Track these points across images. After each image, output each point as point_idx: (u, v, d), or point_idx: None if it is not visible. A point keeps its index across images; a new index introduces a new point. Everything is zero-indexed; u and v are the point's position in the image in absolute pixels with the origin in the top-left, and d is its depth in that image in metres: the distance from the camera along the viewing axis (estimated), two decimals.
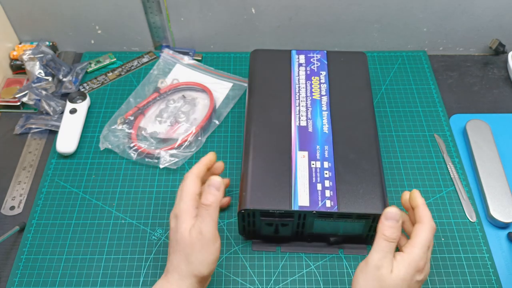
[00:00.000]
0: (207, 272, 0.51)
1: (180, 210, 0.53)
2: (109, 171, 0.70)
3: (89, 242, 0.63)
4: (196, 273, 0.50)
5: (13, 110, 0.78)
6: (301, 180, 0.58)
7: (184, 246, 0.51)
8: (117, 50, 0.87)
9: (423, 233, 0.51)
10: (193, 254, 0.50)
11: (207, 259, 0.51)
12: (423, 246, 0.50)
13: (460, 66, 0.85)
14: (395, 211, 0.51)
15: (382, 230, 0.50)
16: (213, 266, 0.52)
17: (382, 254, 0.49)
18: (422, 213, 0.52)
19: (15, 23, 0.84)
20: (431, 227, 0.51)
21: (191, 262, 0.50)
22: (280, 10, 0.80)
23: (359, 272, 0.50)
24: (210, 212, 0.51)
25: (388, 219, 0.50)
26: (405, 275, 0.49)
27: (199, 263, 0.50)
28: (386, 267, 0.49)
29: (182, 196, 0.54)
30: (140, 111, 0.75)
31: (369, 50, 0.86)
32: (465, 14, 0.81)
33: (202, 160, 0.58)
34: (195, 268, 0.50)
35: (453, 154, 0.71)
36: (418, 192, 0.54)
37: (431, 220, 0.52)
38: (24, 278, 0.60)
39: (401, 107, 0.77)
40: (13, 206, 0.67)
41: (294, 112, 0.65)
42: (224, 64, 0.84)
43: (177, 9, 0.81)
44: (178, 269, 0.51)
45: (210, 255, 0.51)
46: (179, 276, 0.51)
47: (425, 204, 0.53)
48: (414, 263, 0.49)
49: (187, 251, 0.51)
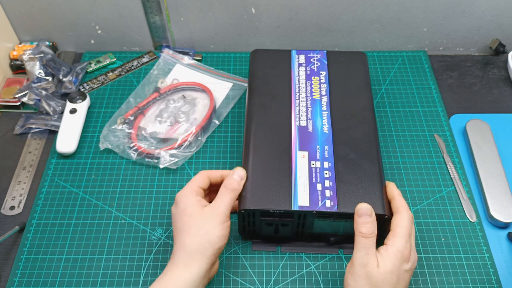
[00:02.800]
0: (215, 246, 0.51)
1: (179, 196, 0.54)
2: (109, 171, 0.70)
3: (89, 242, 0.63)
4: (205, 245, 0.50)
5: (13, 110, 0.78)
6: (301, 180, 0.58)
7: (193, 223, 0.51)
8: (117, 50, 0.87)
9: (402, 223, 0.52)
10: (203, 229, 0.51)
11: (217, 233, 0.51)
12: (404, 235, 0.51)
13: (460, 66, 0.85)
14: (366, 206, 0.52)
15: (358, 228, 0.51)
16: (221, 242, 0.51)
17: (364, 251, 0.50)
18: (399, 204, 0.55)
19: (15, 23, 0.84)
20: (409, 216, 0.53)
21: (200, 236, 0.50)
22: (280, 10, 0.80)
23: (347, 274, 0.51)
24: (231, 195, 0.54)
25: (360, 216, 0.52)
26: (392, 267, 0.49)
27: (208, 237, 0.50)
28: (372, 263, 0.49)
29: (187, 184, 0.55)
30: (140, 111, 0.75)
31: (369, 50, 0.86)
32: (465, 14, 0.81)
33: (223, 171, 0.59)
34: (203, 241, 0.50)
35: (453, 154, 0.71)
36: (393, 184, 0.57)
37: (408, 210, 0.54)
38: (24, 278, 0.60)
39: (401, 107, 0.77)
40: (13, 206, 0.67)
41: (294, 112, 0.65)
42: (224, 64, 0.84)
43: (177, 9, 0.81)
44: (184, 247, 0.51)
45: (221, 230, 0.51)
46: (185, 254, 0.50)
47: (400, 195, 0.56)
48: (399, 254, 0.50)
49: (197, 227, 0.51)
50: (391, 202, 0.56)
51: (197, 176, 0.57)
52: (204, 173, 0.57)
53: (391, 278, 0.49)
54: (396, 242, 0.51)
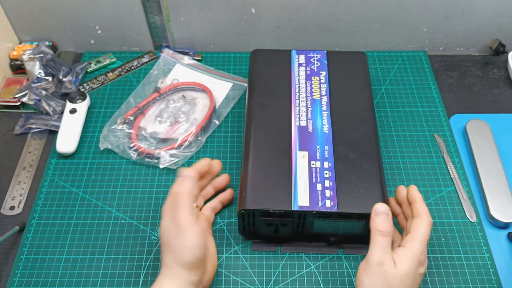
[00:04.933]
0: (189, 258, 0.51)
1: (163, 209, 0.54)
2: (109, 171, 0.70)
3: (89, 242, 0.63)
4: (180, 261, 0.51)
5: (13, 110, 0.78)
6: (301, 180, 0.58)
7: (165, 239, 0.52)
8: (117, 50, 0.87)
9: (422, 228, 0.52)
10: (172, 242, 0.51)
11: (186, 245, 0.51)
12: (422, 240, 0.51)
13: (460, 66, 0.85)
14: (384, 205, 0.53)
15: (376, 226, 0.51)
16: (195, 252, 0.51)
17: (381, 249, 0.50)
18: (420, 208, 0.54)
19: (15, 23, 0.84)
20: (429, 222, 0.53)
21: (173, 252, 0.51)
22: (280, 10, 0.80)
23: (362, 272, 0.50)
24: (182, 199, 0.52)
25: (378, 214, 0.52)
26: (409, 270, 0.49)
27: (180, 250, 0.51)
28: (389, 262, 0.49)
29: (167, 197, 0.54)
30: (140, 111, 0.75)
31: (369, 50, 0.86)
32: (465, 14, 0.81)
33: (195, 165, 0.59)
34: (177, 256, 0.51)
35: (453, 154, 0.71)
36: (416, 188, 0.56)
37: (429, 215, 0.53)
38: (24, 278, 0.60)
39: (401, 107, 0.77)
40: (13, 206, 0.67)
41: (294, 112, 0.65)
42: (224, 64, 0.84)
43: (177, 9, 0.81)
44: (166, 263, 0.52)
45: (188, 240, 0.51)
46: (168, 270, 0.51)
47: (422, 199, 0.55)
48: (417, 257, 0.50)
49: (168, 242, 0.51)
50: (412, 205, 0.55)
51: (176, 185, 0.54)
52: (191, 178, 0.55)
53: (408, 280, 0.49)
54: (415, 246, 0.51)
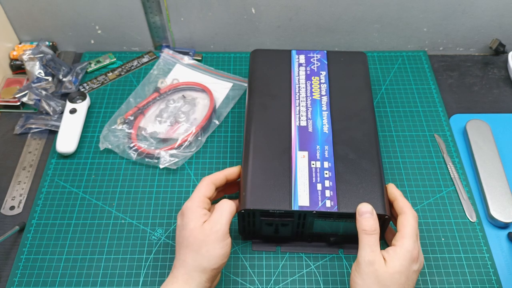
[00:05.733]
0: (215, 266, 0.51)
1: (186, 207, 0.54)
2: (109, 171, 0.70)
3: (89, 242, 0.63)
4: (205, 265, 0.50)
5: (13, 110, 0.78)
6: (301, 180, 0.58)
7: (194, 240, 0.51)
8: (117, 50, 0.87)
9: (408, 223, 0.52)
10: (204, 247, 0.51)
11: (216, 253, 0.51)
12: (411, 235, 0.51)
13: (460, 66, 0.85)
14: (366, 205, 0.53)
15: (361, 226, 0.52)
16: (220, 261, 0.51)
17: (369, 248, 0.50)
18: (402, 204, 0.54)
19: (15, 23, 0.84)
20: (414, 216, 0.53)
21: (200, 255, 0.50)
22: (280, 10, 0.80)
23: (354, 273, 0.51)
24: (226, 207, 0.53)
25: (362, 214, 0.53)
26: (400, 268, 0.49)
27: (209, 255, 0.51)
28: (379, 261, 0.49)
29: (191, 196, 0.55)
30: (140, 111, 0.75)
31: (369, 50, 0.86)
32: (465, 14, 0.81)
33: (226, 170, 0.59)
34: (204, 260, 0.50)
35: (453, 154, 0.71)
36: (393, 185, 0.57)
37: (412, 209, 0.54)
38: (24, 278, 0.60)
39: (401, 107, 0.77)
40: (13, 206, 0.67)
41: (294, 112, 0.65)
42: (224, 64, 0.84)
43: (177, 9, 0.81)
44: (184, 264, 0.51)
45: (220, 249, 0.51)
46: (185, 270, 0.51)
47: (402, 195, 0.56)
48: (408, 254, 0.50)
49: (197, 244, 0.51)
50: (394, 203, 0.56)
51: (202, 185, 0.56)
52: (209, 180, 0.56)
53: (400, 278, 0.49)
54: (405, 243, 0.51)
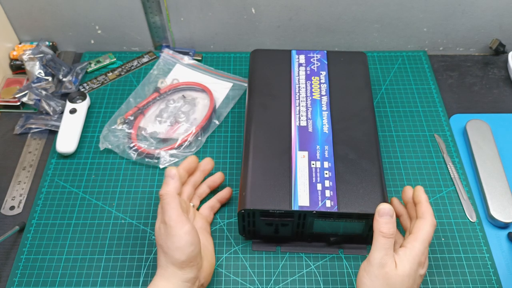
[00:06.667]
0: (183, 257, 0.51)
1: (158, 211, 0.56)
2: (109, 171, 0.70)
3: (89, 242, 0.63)
4: (172, 260, 0.51)
5: (13, 110, 0.78)
6: (301, 180, 0.58)
7: (157, 240, 0.53)
8: (117, 50, 0.87)
9: (425, 228, 0.52)
10: (164, 244, 0.52)
11: (177, 244, 0.51)
12: (424, 241, 0.51)
13: (460, 66, 0.85)
14: (388, 207, 0.52)
15: (379, 228, 0.51)
16: (187, 250, 0.51)
17: (383, 251, 0.50)
18: (425, 209, 0.54)
19: (15, 23, 0.84)
20: (433, 223, 0.52)
21: (165, 253, 0.52)
22: (280, 10, 0.80)
23: (363, 272, 0.50)
24: (167, 200, 0.53)
25: (382, 215, 0.51)
26: (410, 271, 0.49)
27: (171, 250, 0.51)
28: (390, 264, 0.49)
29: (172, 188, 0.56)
30: (140, 111, 0.75)
31: (369, 50, 0.86)
32: (465, 14, 0.81)
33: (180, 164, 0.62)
34: (169, 256, 0.51)
35: (453, 154, 0.71)
36: (422, 189, 0.56)
37: (433, 217, 0.53)
38: (24, 278, 0.60)
39: (401, 107, 0.77)
40: (13, 206, 0.67)
41: (294, 112, 0.65)
42: (224, 64, 0.84)
43: (177, 9, 0.81)
44: (160, 263, 0.53)
45: (180, 239, 0.51)
46: (161, 268, 0.52)
47: (428, 200, 0.55)
48: (418, 258, 0.50)
49: (160, 243, 0.52)
50: (417, 206, 0.55)
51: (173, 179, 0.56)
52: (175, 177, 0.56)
53: (408, 281, 0.49)
54: (416, 247, 0.50)
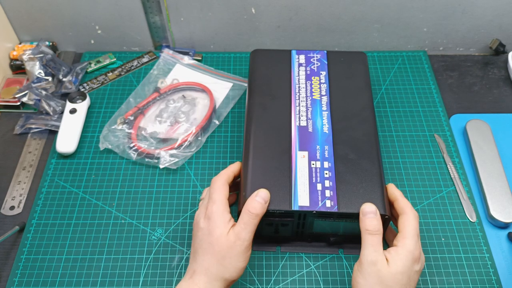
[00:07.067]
0: (234, 278, 0.51)
1: (213, 212, 0.52)
2: (109, 171, 0.70)
3: (89, 242, 0.63)
4: (226, 276, 0.50)
5: (13, 110, 0.78)
6: (301, 180, 0.58)
7: (220, 249, 0.50)
8: (117, 50, 0.87)
9: (410, 223, 0.52)
10: (228, 258, 0.50)
11: (240, 265, 0.51)
12: (413, 235, 0.51)
13: (460, 66, 0.85)
14: (370, 205, 0.53)
15: (364, 226, 0.52)
16: (240, 272, 0.52)
17: (371, 248, 0.50)
18: (403, 205, 0.54)
19: (15, 23, 0.84)
20: (415, 216, 0.53)
21: (223, 266, 0.50)
22: (280, 10, 0.80)
23: (357, 272, 0.50)
24: (255, 221, 0.52)
25: (365, 214, 0.52)
26: (403, 268, 0.49)
27: (232, 268, 0.50)
28: (381, 261, 0.49)
29: (214, 199, 0.53)
30: (140, 111, 0.75)
31: (369, 50, 0.86)
32: (465, 14, 0.81)
33: (230, 167, 0.58)
34: (226, 272, 0.50)
35: (453, 154, 0.71)
36: (393, 185, 0.57)
37: (413, 209, 0.54)
38: (24, 278, 0.60)
39: (401, 107, 0.77)
40: (13, 206, 0.67)
41: (294, 112, 0.65)
42: (224, 64, 0.84)
43: (177, 9, 0.81)
44: (207, 272, 0.50)
45: (243, 261, 0.51)
46: (208, 279, 0.50)
47: (402, 195, 0.56)
48: (410, 255, 0.50)
49: (222, 255, 0.50)
50: (394, 204, 0.55)
51: (218, 186, 0.54)
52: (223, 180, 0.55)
53: (402, 278, 0.49)
54: (407, 244, 0.50)
